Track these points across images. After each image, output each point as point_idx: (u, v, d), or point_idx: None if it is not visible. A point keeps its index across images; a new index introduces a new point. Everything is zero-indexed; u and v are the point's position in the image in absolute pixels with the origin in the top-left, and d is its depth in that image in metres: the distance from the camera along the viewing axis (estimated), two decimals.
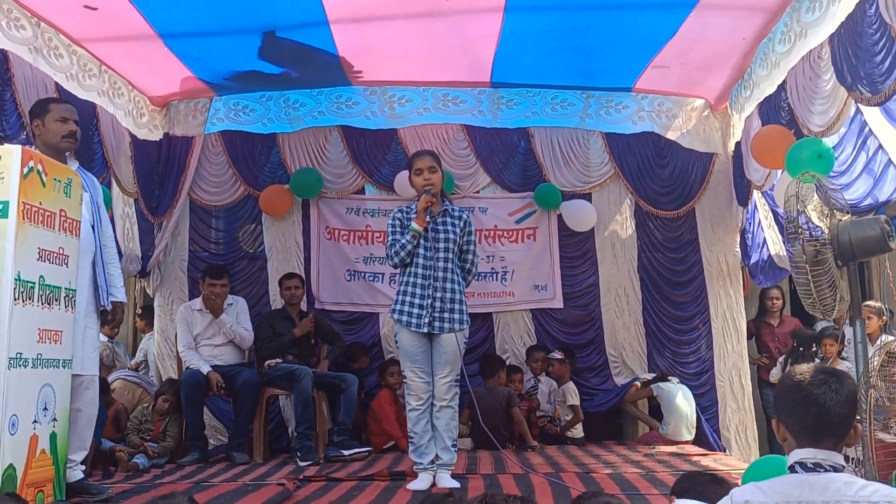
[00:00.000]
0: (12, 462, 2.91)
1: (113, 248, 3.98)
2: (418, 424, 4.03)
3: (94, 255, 3.75)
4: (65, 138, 3.72)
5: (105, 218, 3.97)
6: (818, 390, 1.68)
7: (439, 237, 4.10)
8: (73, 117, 3.78)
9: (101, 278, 3.77)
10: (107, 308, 3.80)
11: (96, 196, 3.86)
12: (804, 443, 1.68)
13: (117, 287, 3.92)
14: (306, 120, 6.40)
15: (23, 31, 4.45)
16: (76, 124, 3.79)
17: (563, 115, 6.42)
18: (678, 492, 2.11)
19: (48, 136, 3.71)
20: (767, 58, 5.08)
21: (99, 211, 3.86)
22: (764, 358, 6.48)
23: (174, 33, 4.97)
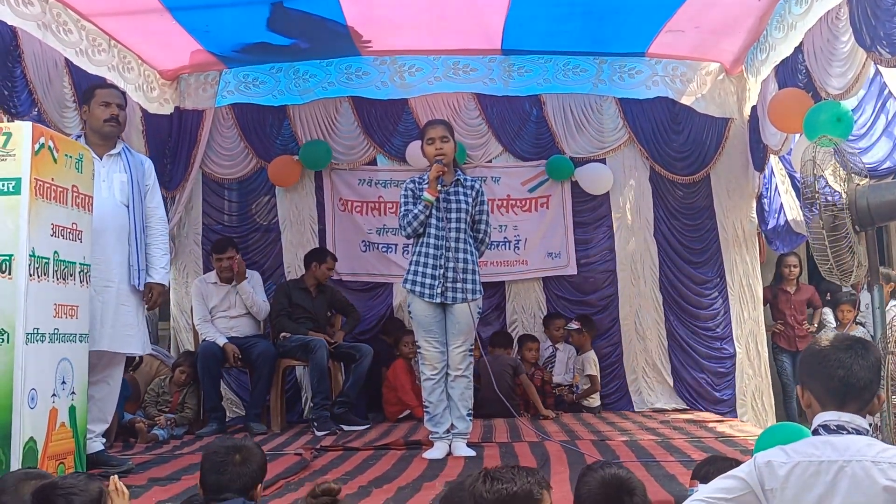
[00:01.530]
0: (33, 435, 2.97)
1: (159, 229, 4.00)
2: (433, 394, 4.06)
3: (129, 234, 3.80)
4: (107, 122, 3.82)
5: (152, 198, 4.00)
6: (844, 354, 1.71)
7: (451, 207, 4.08)
8: (115, 101, 3.87)
9: (134, 258, 3.80)
10: (137, 288, 3.82)
11: (139, 176, 3.91)
12: (829, 406, 1.71)
13: (156, 268, 3.94)
14: (316, 91, 6.36)
15: (31, 7, 4.44)
16: (119, 108, 3.88)
17: (576, 81, 6.33)
18: (701, 477, 2.10)
19: (93, 120, 3.84)
20: (784, 19, 4.98)
21: (142, 191, 3.91)
22: (779, 325, 6.44)
23: (182, 6, 4.94)
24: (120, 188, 3.80)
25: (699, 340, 6.22)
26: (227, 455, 2.22)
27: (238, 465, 2.20)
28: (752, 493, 1.59)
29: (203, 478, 2.24)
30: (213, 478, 2.19)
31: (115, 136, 3.90)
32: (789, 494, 1.56)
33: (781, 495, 1.57)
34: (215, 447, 2.28)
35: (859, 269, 3.63)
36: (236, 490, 2.18)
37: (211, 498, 2.20)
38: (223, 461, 2.20)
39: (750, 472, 1.62)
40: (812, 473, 1.58)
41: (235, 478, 2.19)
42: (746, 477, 1.61)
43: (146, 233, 3.91)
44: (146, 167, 4.00)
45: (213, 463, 2.22)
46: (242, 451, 2.25)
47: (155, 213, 3.99)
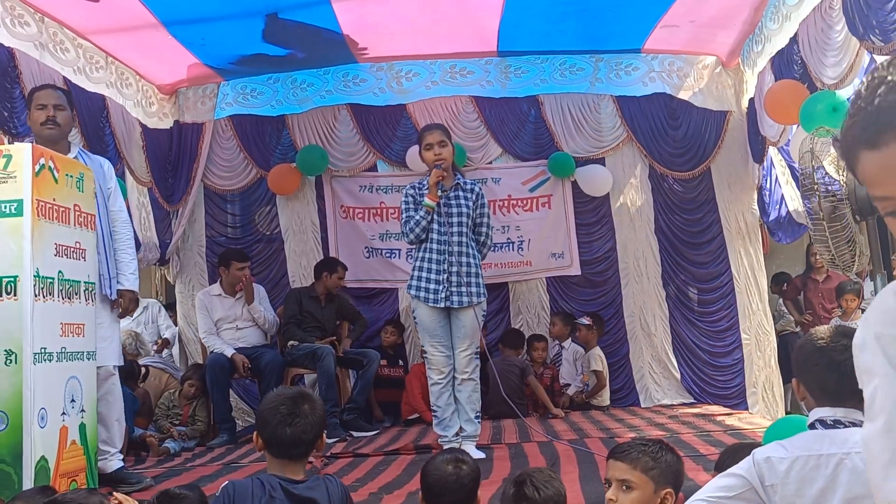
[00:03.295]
0: (44, 454, 2.98)
1: (125, 234, 3.80)
2: (441, 398, 4.07)
3: (98, 242, 3.55)
4: (44, 125, 3.54)
5: (114, 202, 3.77)
6: (840, 357, 1.66)
7: (452, 211, 4.10)
8: (52, 101, 3.57)
9: (104, 266, 3.61)
10: (109, 297, 3.66)
11: (101, 180, 3.66)
12: (825, 403, 1.69)
13: (125, 274, 3.73)
14: (314, 100, 6.39)
15: (27, 27, 4.47)
16: (57, 108, 3.56)
17: (573, 80, 6.34)
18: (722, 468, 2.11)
19: (33, 125, 3.58)
20: (778, 11, 4.98)
21: (104, 196, 3.68)
22: (808, 315, 6.43)
23: (177, 20, 4.97)
24: None
25: (705, 334, 6.23)
26: (295, 405, 2.08)
27: (308, 415, 2.08)
28: (752, 490, 1.59)
29: (271, 433, 2.07)
30: (286, 431, 2.05)
31: (59, 139, 3.60)
32: (791, 489, 1.57)
33: (783, 490, 1.57)
34: (277, 399, 2.12)
35: (861, 258, 3.64)
36: (309, 442, 2.07)
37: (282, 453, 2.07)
38: (292, 412, 2.06)
39: (749, 469, 1.61)
40: (812, 467, 1.58)
41: (308, 428, 2.06)
42: (746, 474, 1.61)
43: (115, 238, 3.72)
44: (105, 169, 3.77)
45: (281, 416, 2.06)
46: (308, 400, 2.12)
47: (119, 217, 3.77)
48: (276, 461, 2.11)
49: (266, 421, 2.09)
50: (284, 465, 2.09)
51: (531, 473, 2.12)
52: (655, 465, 1.96)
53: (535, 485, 2.04)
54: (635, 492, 1.93)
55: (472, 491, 2.22)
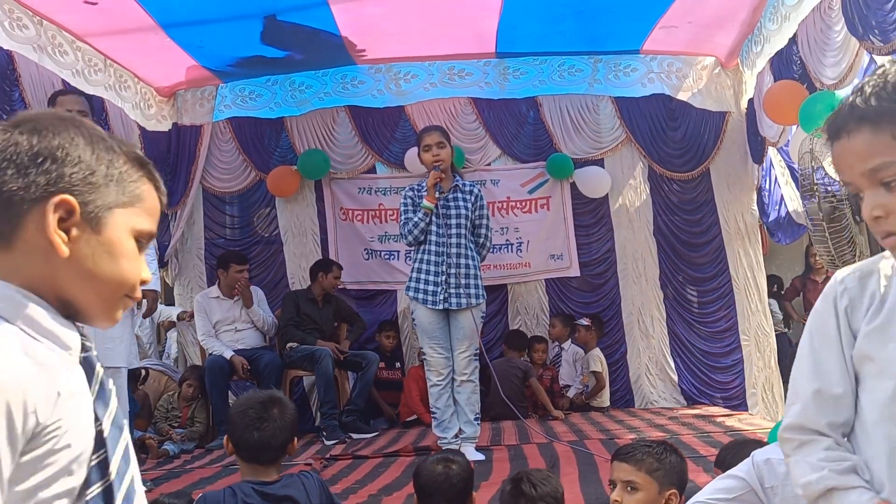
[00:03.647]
0: None
1: None
2: (440, 400, 4.07)
3: None
4: None
5: None
6: None
7: (451, 213, 4.09)
8: (76, 108, 3.69)
9: None
10: None
11: None
12: None
13: None
14: (313, 102, 6.38)
15: (26, 30, 4.46)
16: (80, 114, 3.74)
17: (571, 81, 6.34)
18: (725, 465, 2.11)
19: None
20: (777, 11, 4.98)
21: None
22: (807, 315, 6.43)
23: (175, 23, 4.96)
24: None
25: (704, 335, 6.22)
26: (264, 410, 2.08)
27: (277, 419, 2.07)
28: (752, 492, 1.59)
29: (239, 437, 2.07)
30: (253, 435, 2.04)
31: None
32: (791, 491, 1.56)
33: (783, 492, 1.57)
34: (247, 403, 2.13)
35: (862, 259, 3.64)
36: (278, 447, 2.06)
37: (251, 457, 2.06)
38: (260, 416, 2.06)
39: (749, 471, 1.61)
40: None
41: (276, 432, 2.05)
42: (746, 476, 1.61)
43: None
44: None
45: (249, 419, 2.06)
46: (278, 404, 2.11)
47: None
48: (247, 466, 2.10)
49: (235, 425, 2.10)
50: (256, 470, 2.08)
51: (529, 472, 2.14)
52: (660, 466, 1.96)
53: (532, 482, 2.05)
54: (640, 493, 1.94)
55: (463, 491, 2.22)
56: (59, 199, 0.94)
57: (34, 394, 0.89)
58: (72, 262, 0.96)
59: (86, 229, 0.97)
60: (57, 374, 0.92)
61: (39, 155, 0.95)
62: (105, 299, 1.00)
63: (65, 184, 0.96)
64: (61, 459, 0.92)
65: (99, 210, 0.98)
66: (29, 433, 0.89)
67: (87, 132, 1.00)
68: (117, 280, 1.00)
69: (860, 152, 1.05)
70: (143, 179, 1.05)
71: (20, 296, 0.94)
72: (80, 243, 0.97)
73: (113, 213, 0.99)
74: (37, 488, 0.90)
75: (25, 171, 0.95)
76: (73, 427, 0.93)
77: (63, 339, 0.96)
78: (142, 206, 1.03)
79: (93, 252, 0.97)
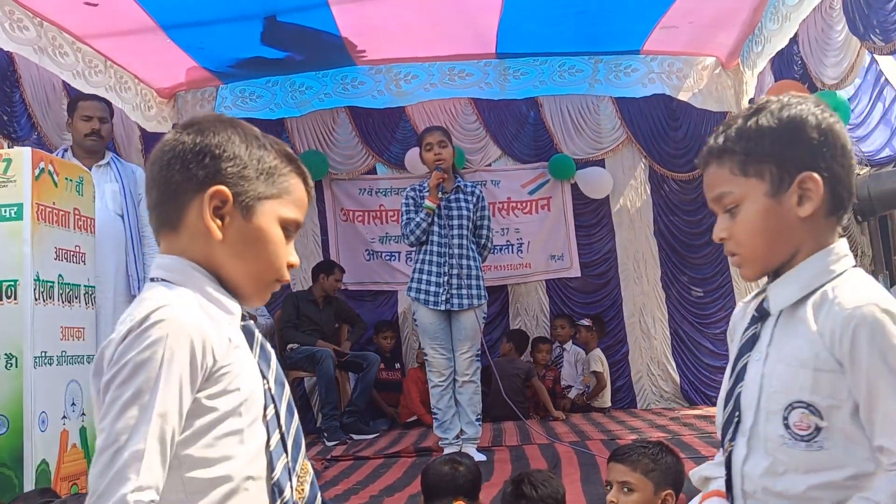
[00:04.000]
0: (45, 458, 2.97)
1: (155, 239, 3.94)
2: (442, 400, 4.06)
3: (126, 244, 3.75)
4: (87, 136, 3.77)
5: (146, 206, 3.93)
6: None
7: (453, 214, 4.09)
8: (97, 114, 3.80)
9: (133, 267, 3.76)
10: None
11: (131, 185, 3.84)
12: None
13: None
14: (313, 103, 6.38)
15: (26, 31, 4.46)
16: (101, 121, 3.80)
17: (572, 82, 6.34)
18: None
19: (75, 134, 3.80)
20: (778, 11, 4.98)
21: (135, 200, 3.84)
22: None
23: (175, 24, 4.96)
24: (112, 198, 3.76)
25: (705, 335, 6.22)
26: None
27: None
28: None
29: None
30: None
31: (100, 150, 3.85)
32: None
33: None
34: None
35: (863, 259, 3.64)
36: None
37: None
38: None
39: None
40: None
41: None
42: None
43: (144, 242, 3.85)
44: (137, 175, 3.92)
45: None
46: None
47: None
48: None
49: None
50: None
51: (530, 473, 2.14)
52: (655, 466, 1.96)
53: (532, 483, 2.05)
54: (636, 493, 1.94)
55: (470, 492, 2.22)
56: (214, 190, 1.08)
57: (212, 337, 1.03)
58: (225, 245, 1.10)
59: (238, 217, 1.10)
60: (226, 326, 1.08)
61: (201, 152, 1.10)
62: (254, 279, 1.14)
63: (221, 177, 1.09)
64: (232, 400, 1.04)
65: (250, 200, 1.11)
66: (207, 371, 1.02)
67: (242, 132, 1.13)
68: (264, 262, 1.13)
69: (708, 183, 1.25)
70: (292, 174, 1.17)
71: (190, 268, 1.09)
72: (233, 229, 1.10)
73: (262, 203, 1.12)
74: (210, 425, 1.02)
75: (188, 165, 1.09)
76: (241, 372, 1.06)
77: (226, 305, 1.10)
78: (289, 197, 1.16)
79: (243, 237, 1.11)
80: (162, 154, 1.12)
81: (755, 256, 1.22)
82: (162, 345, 0.98)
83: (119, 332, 1.01)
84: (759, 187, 1.19)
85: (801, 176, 1.16)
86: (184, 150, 1.10)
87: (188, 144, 1.10)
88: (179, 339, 0.99)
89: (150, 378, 0.97)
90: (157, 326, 0.99)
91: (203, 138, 1.10)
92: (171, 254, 1.12)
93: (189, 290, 1.07)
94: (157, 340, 0.98)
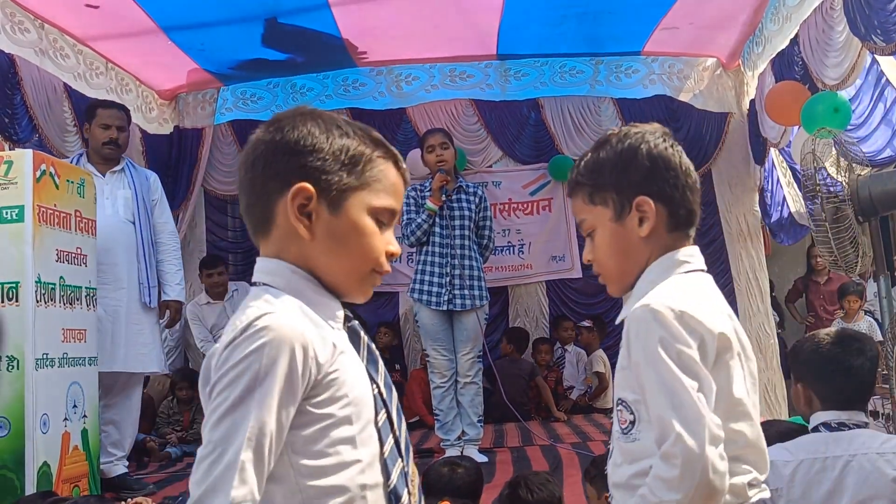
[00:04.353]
0: (46, 460, 2.98)
1: (171, 245, 3.93)
2: (443, 402, 4.06)
3: (137, 250, 3.74)
4: (106, 145, 3.77)
5: (161, 213, 3.92)
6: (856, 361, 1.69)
7: (455, 214, 4.09)
8: (116, 123, 3.81)
9: (144, 275, 3.74)
10: (148, 305, 3.77)
11: (144, 191, 3.84)
12: (832, 406, 1.69)
13: (171, 285, 3.87)
14: (314, 104, 6.34)
15: (27, 33, 4.47)
16: (119, 130, 3.81)
17: (573, 83, 6.34)
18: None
19: (93, 141, 3.80)
20: (779, 12, 4.98)
21: (148, 206, 3.84)
22: (810, 317, 6.42)
23: (176, 26, 4.97)
24: (124, 204, 3.76)
25: None
26: None
27: None
28: None
29: None
30: None
31: (116, 158, 3.87)
32: (796, 493, 1.56)
33: (788, 494, 1.56)
34: None
35: (864, 259, 3.63)
36: None
37: None
38: None
39: None
40: (818, 470, 1.57)
41: None
42: None
43: (157, 249, 3.84)
44: (151, 181, 3.94)
45: None
46: None
47: (165, 228, 3.92)
48: None
49: None
50: None
51: (526, 476, 2.14)
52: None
53: (529, 487, 2.05)
54: None
55: (469, 494, 2.22)
56: (297, 188, 1.05)
57: (316, 344, 1.00)
58: (316, 243, 1.06)
59: (324, 212, 1.06)
60: (330, 332, 1.05)
61: (281, 149, 1.07)
62: (351, 274, 1.10)
63: (303, 173, 1.06)
64: (341, 407, 1.01)
65: (335, 193, 1.07)
66: (310, 379, 0.99)
67: (323, 123, 1.10)
68: (358, 256, 1.09)
69: (572, 210, 1.41)
70: (381, 159, 1.12)
71: (290, 272, 1.06)
72: (321, 225, 1.06)
73: (349, 195, 1.08)
74: (321, 433, 1.00)
75: (270, 164, 1.07)
76: (349, 379, 1.03)
77: (330, 308, 1.08)
78: (379, 185, 1.10)
79: (332, 233, 1.07)
80: (246, 156, 1.11)
81: (612, 275, 1.34)
82: (264, 354, 0.96)
83: (223, 340, 1.00)
84: (605, 214, 1.30)
85: (637, 200, 1.27)
86: (265, 150, 1.09)
87: (269, 143, 1.09)
88: (282, 347, 0.97)
89: (249, 388, 0.95)
90: (259, 335, 0.97)
91: (282, 135, 1.08)
92: (269, 256, 1.09)
93: (292, 295, 1.04)
94: (259, 349, 0.96)
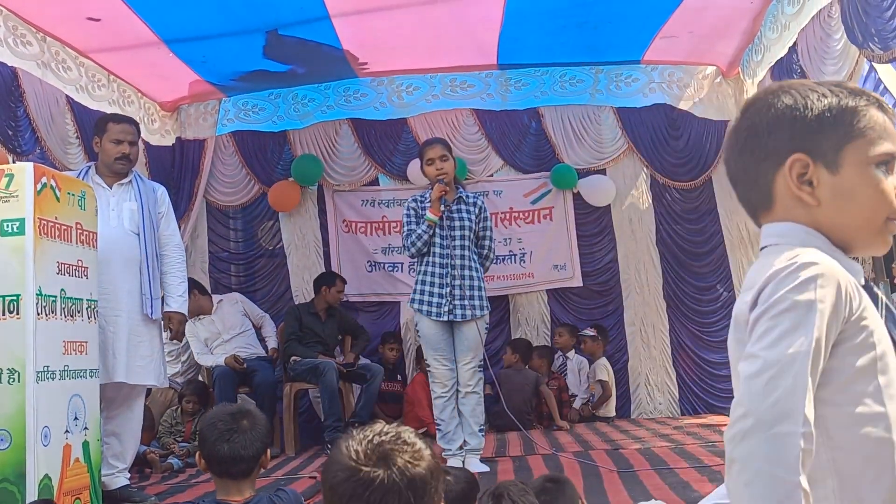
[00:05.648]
0: (47, 472, 2.98)
1: (176, 257, 3.94)
2: (445, 411, 4.06)
3: (140, 262, 3.74)
4: (118, 160, 3.78)
5: (167, 226, 3.94)
6: None
7: (455, 225, 4.10)
8: (127, 138, 3.81)
9: (147, 287, 3.74)
10: (150, 317, 3.77)
11: (151, 204, 3.85)
12: None
13: (174, 297, 3.88)
14: (315, 115, 6.41)
15: (30, 46, 4.50)
16: (131, 145, 3.82)
17: (573, 92, 6.36)
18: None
19: (104, 155, 3.80)
20: (777, 20, 4.99)
21: (154, 218, 3.85)
22: None
23: (178, 38, 5.00)
24: (129, 216, 3.77)
25: (707, 344, 6.19)
26: (234, 421, 2.05)
27: (247, 430, 2.04)
28: None
29: (209, 450, 2.02)
30: (223, 448, 2.00)
31: (126, 172, 3.88)
32: None
33: None
34: (216, 416, 2.10)
35: (864, 266, 3.63)
36: (250, 458, 2.02)
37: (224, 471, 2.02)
38: (230, 428, 2.03)
39: None
40: None
41: (247, 444, 2.02)
42: None
43: (162, 261, 3.85)
44: (158, 194, 3.95)
45: (219, 432, 2.02)
46: (248, 416, 2.09)
47: (171, 241, 3.93)
48: (220, 481, 2.06)
49: (204, 438, 2.05)
50: (228, 486, 2.04)
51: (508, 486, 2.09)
52: None
53: (511, 498, 2.01)
54: None
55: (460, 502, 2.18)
56: (792, 160, 1.09)
57: (850, 282, 1.03)
58: (823, 207, 1.09)
59: (825, 175, 1.09)
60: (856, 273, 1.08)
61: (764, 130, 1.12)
62: (863, 229, 1.10)
63: (794, 144, 1.09)
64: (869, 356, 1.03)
65: (830, 154, 1.09)
66: (846, 319, 1.02)
67: (797, 93, 1.12)
68: (869, 209, 1.09)
69: None
70: (865, 108, 1.11)
71: (802, 231, 1.09)
72: (824, 188, 1.09)
73: (845, 153, 1.09)
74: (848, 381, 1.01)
75: (757, 147, 1.13)
76: (875, 329, 1.05)
77: (850, 265, 1.08)
78: (872, 132, 1.09)
79: (838, 193, 1.09)
80: (730, 150, 1.17)
81: None
82: (815, 284, 0.99)
83: (756, 281, 1.04)
84: None
85: None
86: (746, 136, 1.14)
87: (749, 129, 1.13)
88: (830, 280, 1.00)
89: (806, 314, 0.98)
90: (807, 269, 1.00)
91: (759, 117, 1.12)
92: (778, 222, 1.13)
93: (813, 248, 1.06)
94: (810, 280, 1.00)
